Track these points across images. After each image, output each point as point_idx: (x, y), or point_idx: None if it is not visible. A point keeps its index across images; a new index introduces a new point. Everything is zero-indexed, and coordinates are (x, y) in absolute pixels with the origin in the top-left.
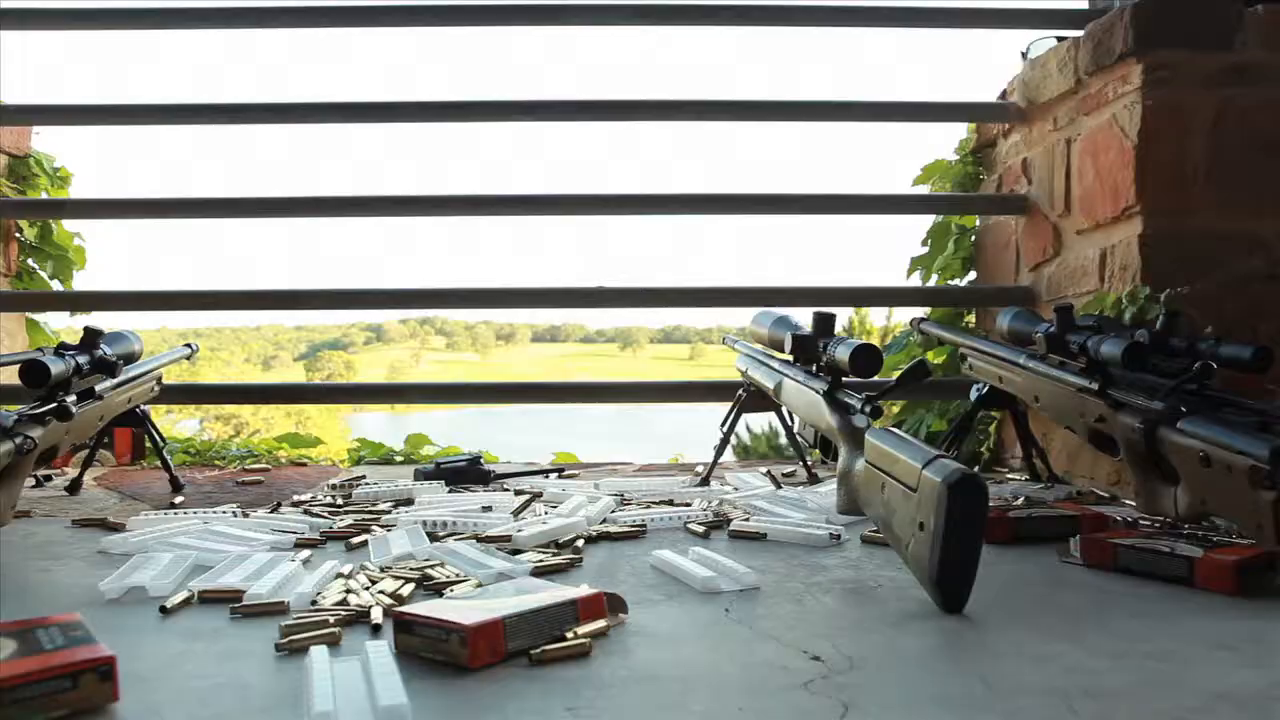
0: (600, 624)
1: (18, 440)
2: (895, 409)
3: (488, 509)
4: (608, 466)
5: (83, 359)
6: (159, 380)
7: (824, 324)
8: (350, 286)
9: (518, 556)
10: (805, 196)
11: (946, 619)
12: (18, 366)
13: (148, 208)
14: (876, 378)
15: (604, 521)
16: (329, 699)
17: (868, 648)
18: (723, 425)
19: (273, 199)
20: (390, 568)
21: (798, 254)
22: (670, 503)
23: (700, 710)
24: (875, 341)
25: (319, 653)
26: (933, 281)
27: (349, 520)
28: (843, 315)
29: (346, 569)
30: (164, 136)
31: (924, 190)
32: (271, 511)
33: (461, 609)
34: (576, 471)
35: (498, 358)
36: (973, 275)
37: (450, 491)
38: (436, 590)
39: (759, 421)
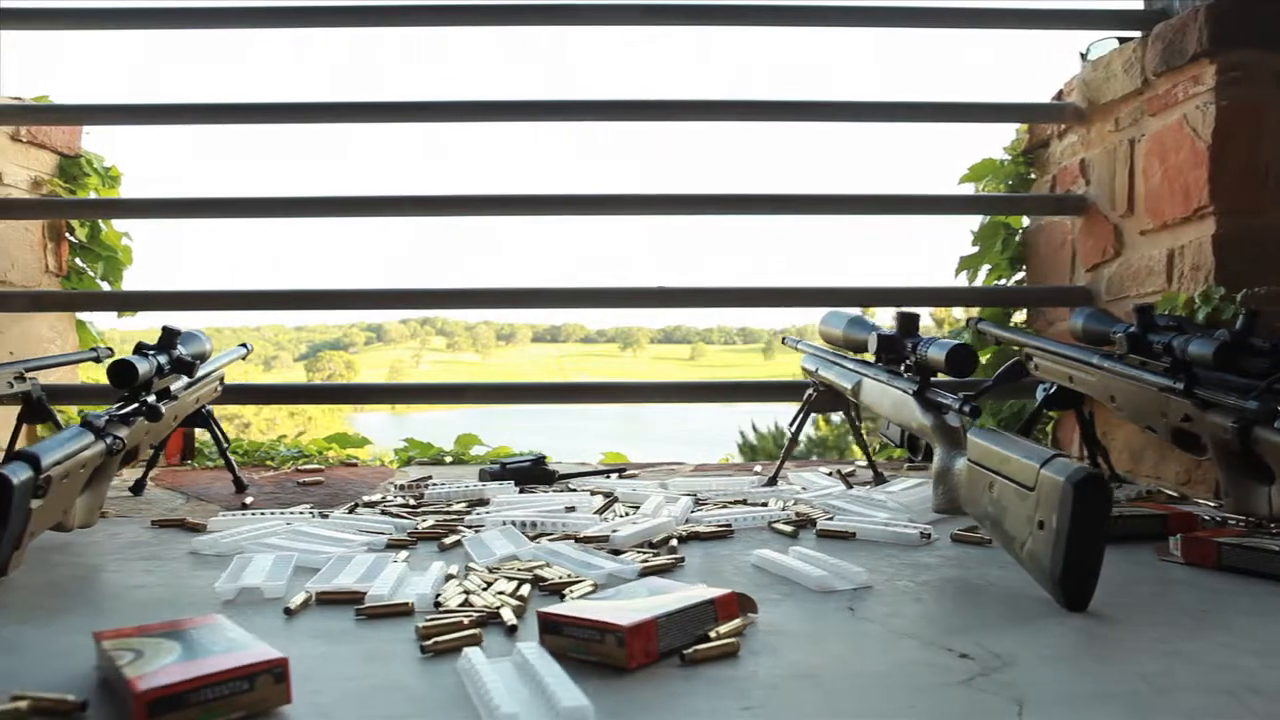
0: (737, 623)
1: (108, 441)
2: None
3: (571, 509)
4: (664, 467)
5: (163, 359)
6: (221, 380)
7: (908, 324)
8: (414, 286)
9: (620, 557)
10: (860, 197)
11: (1072, 617)
12: (106, 366)
13: (205, 207)
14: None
15: (686, 521)
16: (511, 701)
17: (1009, 645)
18: (791, 425)
19: (333, 198)
20: (499, 568)
21: (828, 255)
22: (744, 502)
23: (875, 708)
24: None
25: (475, 654)
26: (979, 281)
27: (431, 521)
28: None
29: (453, 569)
30: (206, 136)
31: (969, 190)
32: (349, 512)
33: (607, 610)
34: (636, 472)
35: (498, 358)
36: (1019, 275)
37: (521, 492)
38: (554, 591)
39: (764, 421)
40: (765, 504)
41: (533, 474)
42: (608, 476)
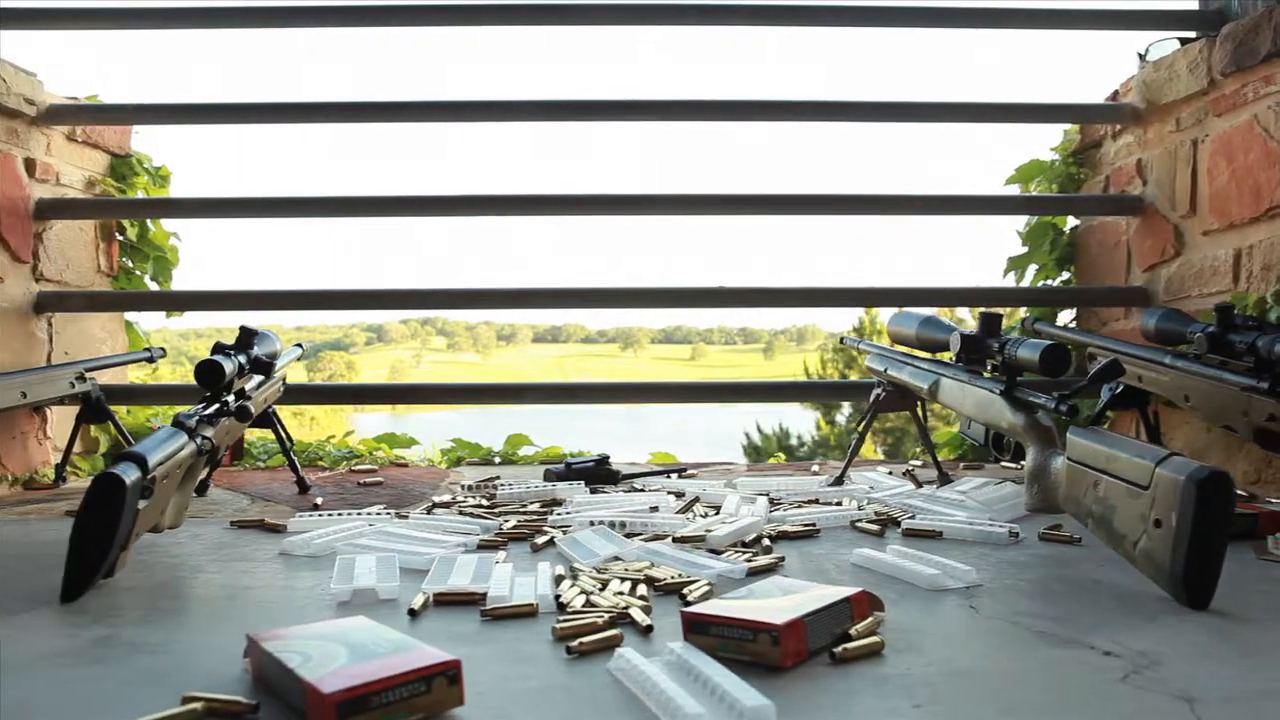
0: (870, 621)
1: (198, 441)
2: None
3: (654, 509)
4: (720, 467)
5: (242, 359)
6: (284, 380)
7: (991, 324)
8: (470, 286)
9: (725, 557)
10: (911, 198)
11: (1198, 615)
12: (195, 366)
13: (260, 207)
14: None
15: (769, 521)
16: (695, 702)
17: (1149, 643)
18: (858, 425)
19: (389, 198)
20: (606, 569)
21: (832, 256)
22: (817, 501)
23: (1043, 704)
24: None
25: (632, 655)
26: (1026, 282)
27: (513, 521)
28: (851, 317)
29: (559, 570)
30: (244, 134)
31: (1011, 190)
32: (427, 512)
33: (753, 609)
34: (694, 472)
35: (499, 358)
36: (1064, 275)
37: (593, 492)
38: (670, 591)
39: (769, 421)
40: (839, 503)
41: (597, 474)
42: (669, 476)
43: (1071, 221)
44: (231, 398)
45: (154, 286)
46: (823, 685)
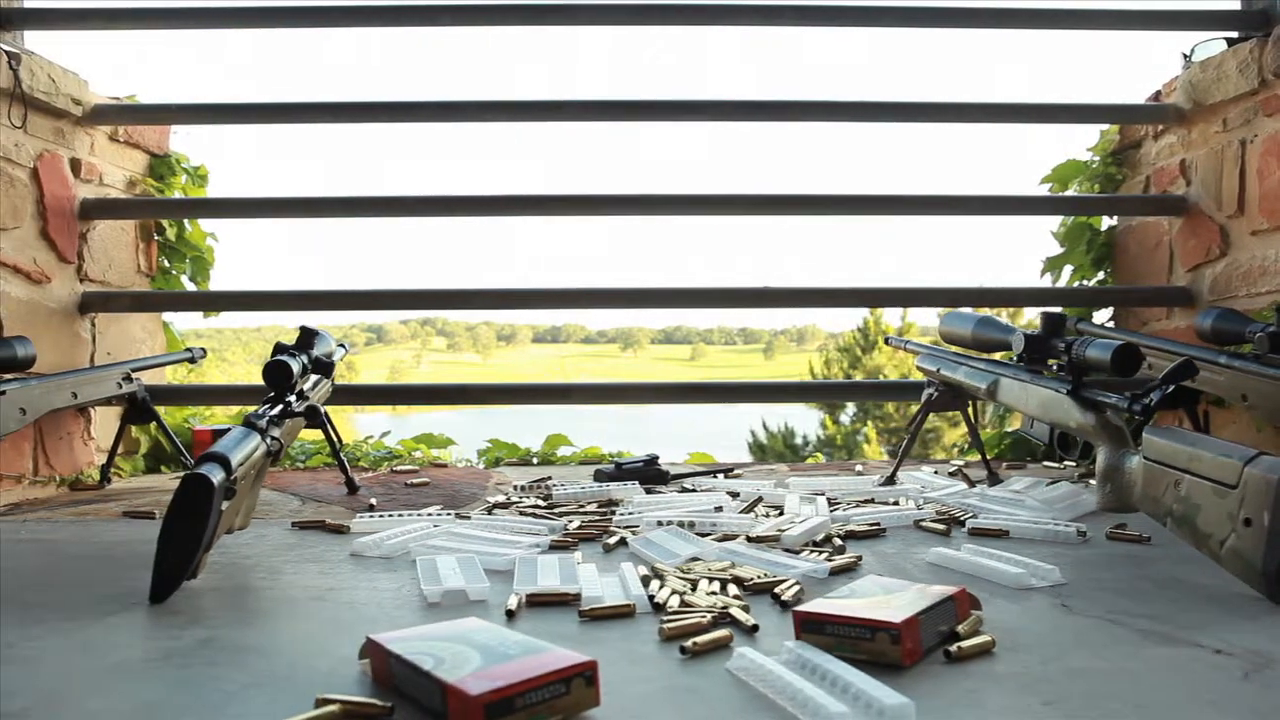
0: (973, 619)
1: (268, 441)
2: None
3: (719, 509)
4: (763, 468)
5: (305, 359)
6: (332, 380)
7: (1054, 324)
8: (516, 286)
9: (805, 556)
10: (951, 198)
11: None
12: (263, 366)
13: (303, 207)
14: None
15: (834, 521)
16: (835, 700)
17: (1260, 642)
18: (909, 425)
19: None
20: (689, 569)
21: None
22: (873, 501)
23: (1174, 701)
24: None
25: (753, 654)
26: (1062, 282)
27: (578, 522)
28: (854, 317)
29: (641, 570)
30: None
31: (1044, 190)
32: (488, 513)
33: (865, 607)
34: (739, 472)
35: (499, 358)
36: (1099, 275)
37: (649, 492)
38: (760, 591)
39: (774, 420)
40: (896, 503)
41: (647, 474)
42: (715, 476)
43: (1106, 221)
44: (293, 397)
45: (190, 286)
46: (945, 683)
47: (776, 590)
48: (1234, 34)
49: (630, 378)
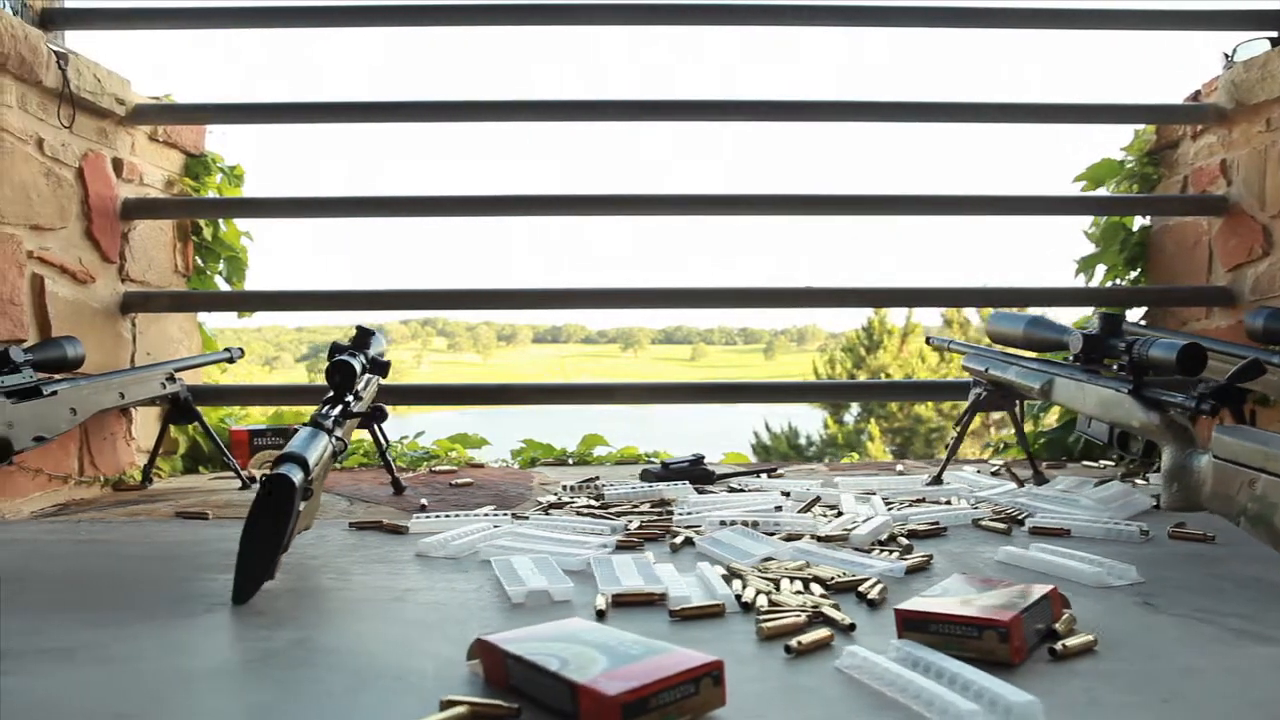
0: (1068, 618)
1: (333, 441)
2: (1057, 410)
3: (779, 509)
4: (803, 467)
5: (362, 359)
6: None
7: (1112, 324)
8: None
9: (878, 555)
10: (988, 198)
11: None
12: (326, 366)
13: (345, 206)
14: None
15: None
16: (964, 698)
17: None
18: (956, 425)
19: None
20: (766, 568)
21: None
22: (924, 500)
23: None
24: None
25: (866, 653)
26: (1095, 282)
27: (637, 522)
28: (857, 318)
29: (719, 570)
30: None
31: (1076, 190)
32: (544, 513)
33: (966, 606)
34: (782, 471)
35: (499, 358)
36: (1132, 275)
37: (700, 492)
38: (843, 590)
39: (778, 421)
40: (948, 502)
41: (693, 474)
42: (758, 476)
43: (1139, 221)
44: (350, 397)
45: (224, 286)
46: (1057, 682)
47: (861, 589)
48: (1275, 34)
49: (631, 378)
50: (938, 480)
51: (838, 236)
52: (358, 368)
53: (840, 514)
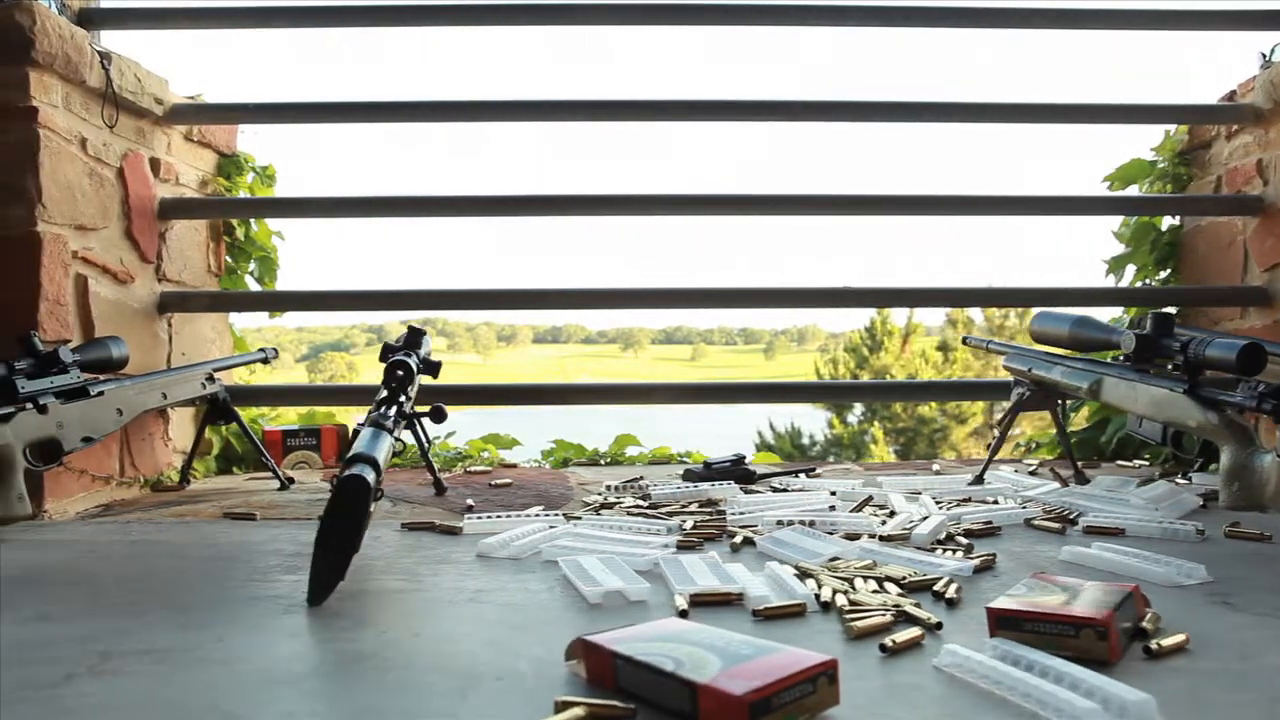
0: (1153, 616)
1: (393, 442)
2: (1087, 410)
3: (832, 508)
4: (838, 467)
5: (417, 359)
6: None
7: (1164, 324)
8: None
9: (945, 554)
10: (1019, 199)
11: None
12: (384, 362)
13: (385, 206)
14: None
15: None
16: (1079, 697)
17: None
18: (998, 425)
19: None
20: (835, 568)
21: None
22: (969, 500)
23: None
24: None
25: (966, 651)
26: (1125, 282)
27: (690, 522)
28: (859, 318)
29: (789, 569)
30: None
31: (1103, 190)
32: (596, 512)
33: (1054, 604)
34: (820, 471)
35: (499, 359)
36: (1162, 275)
37: (746, 492)
38: (919, 588)
39: (781, 420)
40: (995, 501)
41: (735, 473)
42: (797, 475)
43: (1167, 221)
44: (403, 398)
45: (254, 286)
46: (1158, 680)
47: (937, 588)
48: None
49: (632, 378)
50: (979, 480)
51: (851, 236)
52: (415, 367)
53: (893, 513)
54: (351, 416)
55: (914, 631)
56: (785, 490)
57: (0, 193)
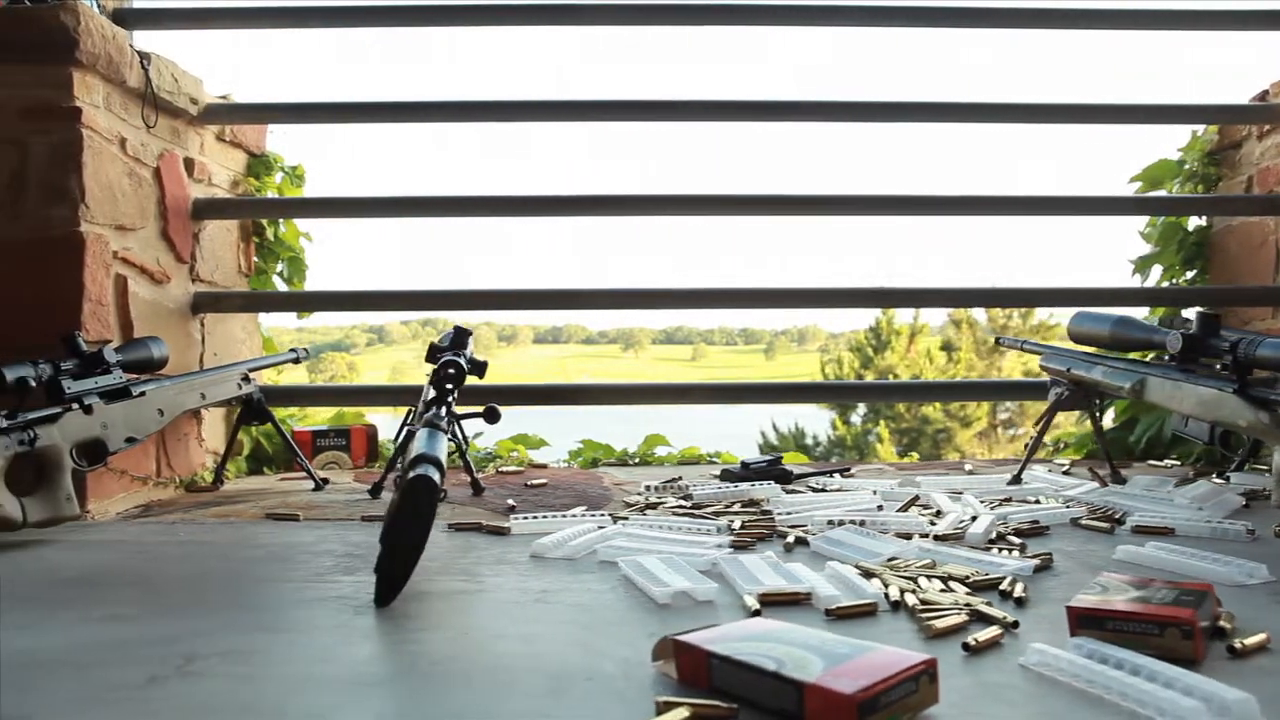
0: (1227, 614)
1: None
2: (1114, 409)
3: (880, 508)
4: (871, 467)
5: (464, 360)
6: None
7: (1210, 324)
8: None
9: (1004, 554)
10: (1051, 199)
11: None
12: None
13: (423, 206)
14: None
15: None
16: (1181, 696)
17: None
18: (1036, 424)
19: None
20: (897, 567)
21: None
22: (1009, 500)
23: None
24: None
25: (1052, 650)
26: (1151, 282)
27: (738, 522)
28: (859, 318)
29: (850, 569)
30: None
31: (1129, 189)
32: (640, 513)
33: (1133, 603)
34: (854, 471)
35: (500, 359)
36: (1189, 275)
37: (787, 492)
38: (982, 588)
39: (785, 421)
40: (1037, 501)
41: (773, 473)
42: (832, 476)
43: (1193, 221)
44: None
45: (281, 286)
46: (1249, 679)
47: (1003, 587)
48: None
49: (633, 378)
50: (1017, 479)
51: (862, 235)
52: (465, 367)
53: (939, 513)
54: (378, 418)
55: (994, 631)
56: (824, 490)
57: (45, 193)
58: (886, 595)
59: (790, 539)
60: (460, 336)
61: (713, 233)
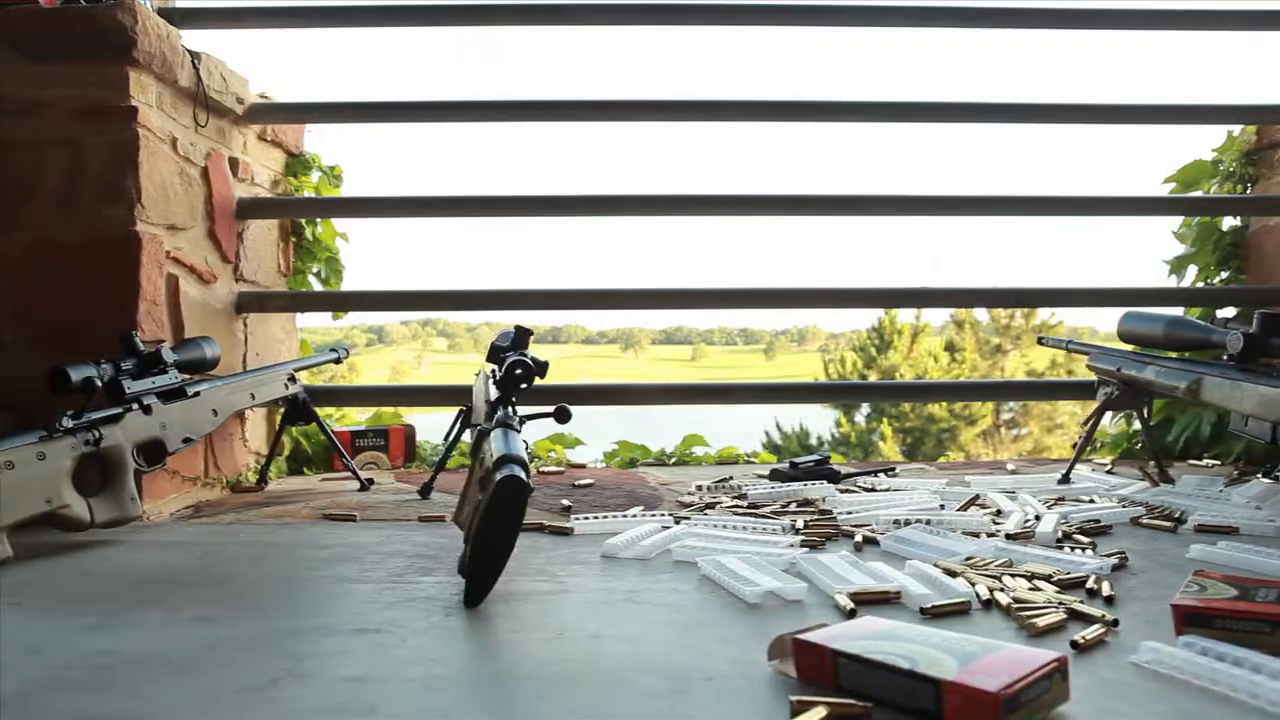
0: None
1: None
2: (1157, 406)
3: (942, 506)
4: (913, 466)
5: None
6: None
7: (1271, 324)
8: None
9: (1081, 554)
10: (1091, 199)
11: None
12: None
13: (466, 206)
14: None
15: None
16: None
17: None
18: (1084, 424)
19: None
20: (976, 566)
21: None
22: (1063, 499)
23: None
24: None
25: (1165, 649)
26: (1186, 283)
27: (800, 521)
28: (861, 318)
29: (930, 567)
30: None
31: (1164, 189)
32: (700, 512)
33: (1239, 602)
34: (897, 471)
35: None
36: (1223, 275)
37: (843, 492)
38: (1068, 587)
39: (789, 421)
40: (1091, 500)
41: (822, 473)
42: (877, 475)
43: (1228, 221)
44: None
45: (318, 286)
46: None
47: (1089, 586)
48: None
49: (634, 378)
50: (1066, 479)
51: (881, 237)
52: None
53: (998, 512)
54: (416, 418)
55: (1097, 629)
56: (874, 490)
57: (101, 193)
58: (977, 594)
59: (859, 538)
60: (522, 336)
61: (712, 233)
